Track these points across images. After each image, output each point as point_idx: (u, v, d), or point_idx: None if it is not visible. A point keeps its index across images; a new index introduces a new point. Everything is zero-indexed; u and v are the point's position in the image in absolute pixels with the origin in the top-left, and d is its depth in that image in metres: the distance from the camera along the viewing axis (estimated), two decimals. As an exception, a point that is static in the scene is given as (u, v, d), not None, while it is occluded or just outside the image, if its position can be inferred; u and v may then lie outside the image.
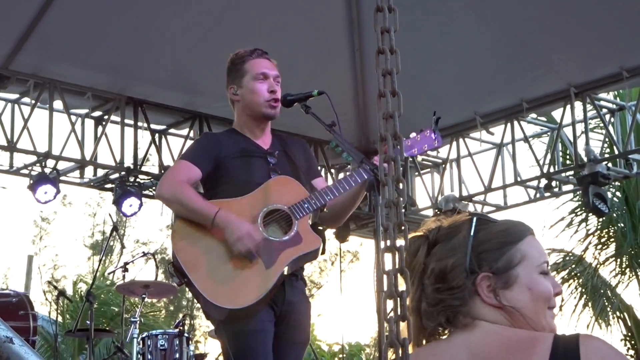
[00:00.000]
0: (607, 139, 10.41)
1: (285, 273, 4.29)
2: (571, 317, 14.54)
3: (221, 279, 4.21)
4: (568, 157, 10.91)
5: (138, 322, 7.94)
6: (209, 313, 4.36)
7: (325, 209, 4.54)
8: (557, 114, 9.88)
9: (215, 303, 4.17)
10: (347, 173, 4.60)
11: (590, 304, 14.63)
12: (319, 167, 10.32)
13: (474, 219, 2.16)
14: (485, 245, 2.13)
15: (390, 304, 1.78)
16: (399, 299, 1.74)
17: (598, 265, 14.64)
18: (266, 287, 4.21)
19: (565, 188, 10.04)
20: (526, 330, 2.09)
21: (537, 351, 1.98)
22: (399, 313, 1.73)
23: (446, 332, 2.14)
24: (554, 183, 9.71)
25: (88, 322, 8.11)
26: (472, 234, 2.14)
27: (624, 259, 14.31)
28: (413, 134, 4.61)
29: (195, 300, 4.50)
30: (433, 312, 2.11)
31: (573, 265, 14.78)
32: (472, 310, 2.10)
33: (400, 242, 1.79)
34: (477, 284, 2.10)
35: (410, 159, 10.37)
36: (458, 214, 2.21)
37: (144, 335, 7.70)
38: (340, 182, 4.43)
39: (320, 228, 4.57)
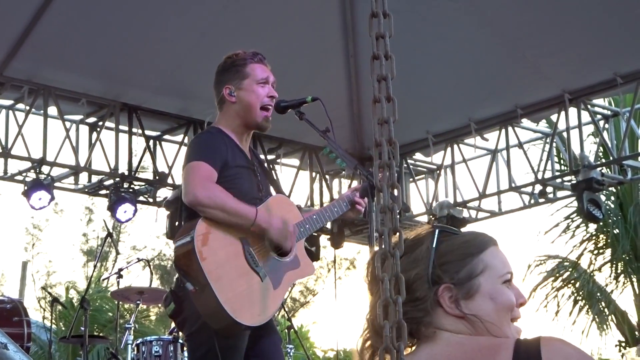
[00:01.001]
0: (601, 145, 10.42)
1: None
2: (566, 322, 14.59)
3: (238, 293, 4.18)
4: (562, 162, 10.93)
5: (132, 328, 7.94)
6: (194, 318, 4.25)
7: None
8: (552, 118, 9.90)
9: (234, 317, 4.12)
10: (331, 202, 4.67)
11: (585, 309, 14.66)
12: (314, 173, 10.42)
13: (436, 231, 2.16)
14: (447, 256, 2.12)
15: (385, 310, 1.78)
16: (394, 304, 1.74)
17: (593, 272, 14.68)
18: (273, 310, 4.30)
19: (559, 194, 10.04)
20: (488, 337, 2.07)
21: (499, 358, 1.97)
22: (395, 318, 1.73)
23: (412, 345, 2.12)
24: (548, 189, 9.71)
25: (82, 328, 8.10)
26: (434, 245, 2.13)
27: (619, 264, 14.35)
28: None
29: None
30: None
31: (569, 271, 14.81)
32: (434, 321, 2.08)
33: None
34: (439, 295, 2.08)
35: (405, 165, 10.40)
36: (420, 227, 2.21)
37: (138, 342, 7.69)
38: (326, 210, 4.54)
39: (315, 234, 4.60)
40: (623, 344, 14.71)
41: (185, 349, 7.74)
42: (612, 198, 14.34)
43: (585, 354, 1.98)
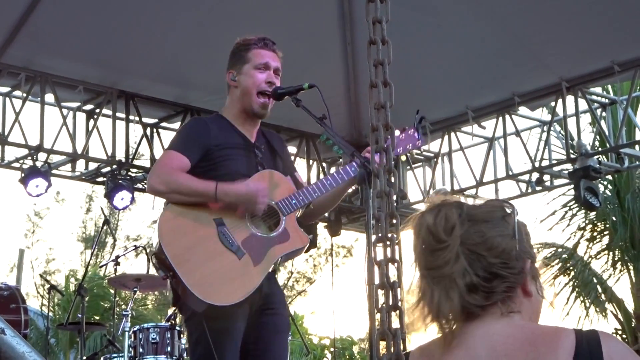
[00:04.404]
0: (598, 133, 10.42)
1: (270, 270, 4.28)
2: (562, 310, 14.59)
3: (209, 274, 4.16)
4: (560, 151, 10.92)
5: (130, 315, 7.94)
6: (187, 304, 4.25)
7: (311, 206, 4.53)
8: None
9: (203, 299, 4.11)
10: (334, 170, 4.55)
11: (581, 297, 14.67)
12: (310, 161, 10.41)
13: (515, 209, 2.19)
14: (524, 236, 2.17)
15: (382, 295, 1.79)
16: (390, 289, 1.74)
17: (590, 259, 14.68)
18: (253, 286, 4.19)
19: (556, 182, 10.05)
20: (547, 325, 2.10)
21: (562, 345, 1.99)
22: (390, 303, 1.73)
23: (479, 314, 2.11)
24: (545, 177, 9.72)
25: (80, 315, 8.11)
26: (516, 220, 2.16)
27: (616, 252, 14.35)
28: (397, 132, 4.56)
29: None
30: (487, 287, 2.07)
31: (565, 258, 14.82)
32: (515, 298, 2.11)
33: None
34: (525, 270, 2.11)
35: (402, 153, 10.37)
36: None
37: (135, 329, 7.69)
38: (328, 179, 4.42)
39: (313, 222, 4.55)
40: (619, 332, 14.73)
41: (182, 335, 7.78)
42: (609, 186, 14.34)
43: (638, 357, 2.03)
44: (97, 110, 9.35)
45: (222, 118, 4.53)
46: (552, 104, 9.45)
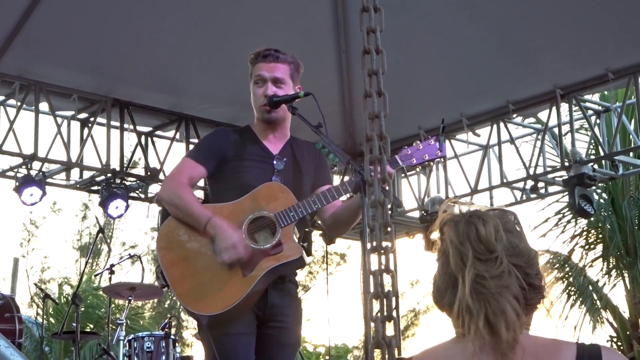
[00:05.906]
0: (592, 141, 10.43)
1: (264, 280, 4.28)
2: (559, 319, 14.57)
3: (199, 285, 4.25)
4: (554, 158, 10.93)
5: (124, 324, 7.93)
6: (196, 318, 4.39)
7: (319, 217, 4.57)
8: (543, 115, 9.91)
9: (190, 309, 4.24)
10: (339, 182, 4.55)
11: (577, 305, 14.65)
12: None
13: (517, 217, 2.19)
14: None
15: (376, 304, 1.78)
16: (385, 299, 1.74)
17: (585, 267, 14.67)
18: (241, 295, 4.22)
19: (551, 189, 10.05)
20: (548, 337, 2.10)
21: (564, 357, 1.99)
22: (385, 313, 1.73)
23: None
24: (540, 184, 9.72)
25: (74, 324, 8.09)
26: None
27: (611, 259, 14.34)
28: (417, 142, 4.60)
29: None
30: (527, 300, 2.09)
31: (559, 266, 14.80)
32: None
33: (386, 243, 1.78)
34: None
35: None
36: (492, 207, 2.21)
37: (130, 338, 7.69)
38: (330, 191, 4.41)
39: (307, 230, 4.57)
40: (615, 339, 14.72)
41: (177, 344, 7.79)
42: (604, 194, 14.33)
43: None
44: (92, 119, 9.33)
45: (249, 130, 4.60)
46: (547, 111, 9.46)
